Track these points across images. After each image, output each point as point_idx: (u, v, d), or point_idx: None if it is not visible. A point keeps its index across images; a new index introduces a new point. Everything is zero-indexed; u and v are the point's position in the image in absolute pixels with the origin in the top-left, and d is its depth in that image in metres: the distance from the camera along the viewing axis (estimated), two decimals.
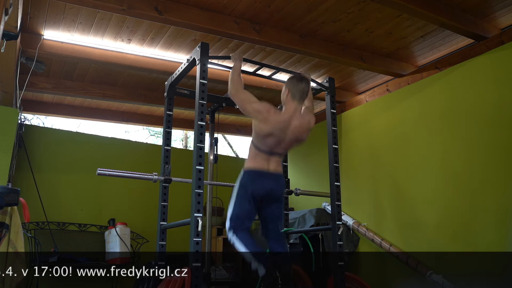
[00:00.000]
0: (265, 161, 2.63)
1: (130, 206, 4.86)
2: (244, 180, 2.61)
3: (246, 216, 2.59)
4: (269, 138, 2.60)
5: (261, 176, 2.61)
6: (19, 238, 2.85)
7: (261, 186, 2.59)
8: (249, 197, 2.57)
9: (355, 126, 4.73)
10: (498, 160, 3.26)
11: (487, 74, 3.43)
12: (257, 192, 2.59)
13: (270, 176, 2.63)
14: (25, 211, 2.82)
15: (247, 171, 2.64)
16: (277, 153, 2.67)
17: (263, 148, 2.63)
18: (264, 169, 2.62)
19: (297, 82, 2.68)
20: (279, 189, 2.70)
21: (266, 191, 2.62)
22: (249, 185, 2.58)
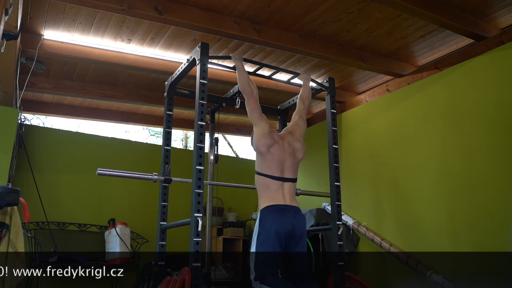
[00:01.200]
0: (279, 192, 2.51)
1: (130, 206, 4.86)
2: (264, 220, 2.43)
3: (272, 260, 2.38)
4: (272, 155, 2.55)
5: (279, 213, 2.45)
6: (19, 238, 2.85)
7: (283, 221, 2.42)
8: (273, 236, 2.38)
9: (355, 126, 4.73)
10: (498, 160, 3.26)
11: (487, 74, 3.43)
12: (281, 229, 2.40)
13: (289, 211, 2.47)
14: (25, 211, 2.82)
15: (263, 210, 2.47)
16: (288, 179, 2.57)
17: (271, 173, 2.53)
18: (280, 203, 2.48)
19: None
20: (300, 226, 2.50)
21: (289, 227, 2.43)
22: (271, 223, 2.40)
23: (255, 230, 2.46)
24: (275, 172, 2.54)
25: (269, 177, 2.53)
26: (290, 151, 2.64)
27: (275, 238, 2.38)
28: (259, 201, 2.55)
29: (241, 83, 2.75)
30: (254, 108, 2.68)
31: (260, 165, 2.59)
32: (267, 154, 2.57)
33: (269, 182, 2.53)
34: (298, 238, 2.49)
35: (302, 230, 2.52)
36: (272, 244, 2.38)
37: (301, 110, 2.93)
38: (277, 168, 2.55)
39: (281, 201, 2.49)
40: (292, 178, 2.61)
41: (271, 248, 2.38)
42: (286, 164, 2.60)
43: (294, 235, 2.47)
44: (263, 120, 2.65)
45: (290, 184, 2.58)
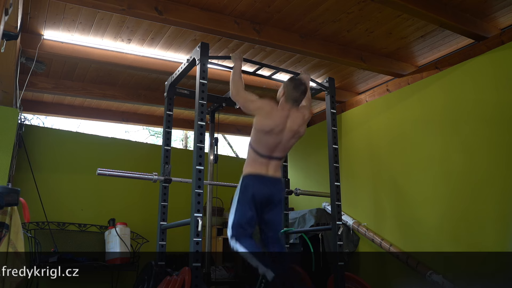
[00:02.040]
0: (264, 166, 2.64)
1: (130, 206, 4.86)
2: (243, 185, 2.61)
3: (247, 222, 2.57)
4: (269, 137, 2.61)
5: (260, 180, 2.61)
6: (19, 238, 2.85)
7: (261, 190, 2.59)
8: (250, 202, 2.57)
9: (355, 126, 4.73)
10: (498, 159, 3.26)
11: (487, 74, 3.43)
12: (258, 196, 2.58)
13: (269, 180, 2.63)
14: (25, 211, 2.82)
15: (246, 176, 2.64)
16: (276, 158, 2.67)
17: (262, 151, 2.63)
18: (262, 173, 2.62)
19: (293, 89, 2.69)
20: (278, 194, 2.69)
21: (266, 195, 2.61)
22: (249, 189, 2.58)
23: (236, 193, 2.63)
24: (265, 151, 2.65)
25: (259, 154, 2.64)
26: (289, 131, 2.67)
27: (252, 203, 2.57)
28: (244, 167, 2.68)
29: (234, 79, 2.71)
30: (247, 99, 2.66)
31: (254, 139, 2.67)
32: (263, 136, 2.63)
33: (257, 157, 2.65)
34: (276, 204, 2.67)
35: (279, 197, 2.70)
36: (249, 208, 2.57)
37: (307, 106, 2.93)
38: (268, 149, 2.65)
39: (263, 172, 2.63)
40: (280, 156, 2.71)
41: (248, 212, 2.57)
42: (279, 146, 2.67)
43: (272, 201, 2.64)
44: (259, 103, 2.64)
45: (276, 161, 2.70)
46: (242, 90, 2.67)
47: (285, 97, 2.70)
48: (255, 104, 2.64)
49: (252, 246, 2.50)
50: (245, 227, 2.56)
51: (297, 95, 2.69)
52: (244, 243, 2.51)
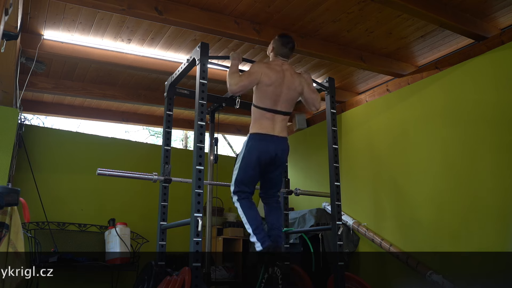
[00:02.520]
0: (270, 122, 2.69)
1: (130, 206, 4.86)
2: (249, 144, 2.67)
3: (249, 181, 2.69)
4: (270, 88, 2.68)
5: (266, 140, 2.67)
6: (19, 238, 2.85)
7: (267, 150, 2.66)
8: (254, 162, 2.65)
9: (355, 126, 4.73)
10: (498, 159, 3.25)
11: (487, 74, 3.43)
12: (263, 158, 2.66)
13: (276, 139, 2.69)
14: (25, 211, 2.82)
15: (252, 134, 2.70)
16: (280, 112, 2.72)
17: (265, 104, 2.68)
18: (269, 132, 2.68)
19: (281, 46, 2.82)
20: (284, 154, 2.77)
21: (271, 156, 2.68)
22: (254, 150, 2.65)
23: (241, 151, 2.72)
24: (269, 103, 2.70)
25: (263, 109, 2.70)
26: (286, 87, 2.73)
27: (256, 162, 2.66)
28: (251, 126, 2.74)
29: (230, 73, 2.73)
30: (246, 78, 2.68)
31: (256, 96, 2.74)
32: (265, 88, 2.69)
33: (262, 112, 2.71)
34: (278, 165, 2.77)
35: (283, 159, 2.80)
36: (252, 168, 2.67)
37: None
38: (272, 100, 2.71)
39: (270, 131, 2.69)
40: (285, 110, 2.75)
41: (251, 171, 2.68)
42: (281, 97, 2.72)
43: (275, 162, 2.73)
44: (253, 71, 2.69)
45: (282, 117, 2.74)
46: (236, 76, 2.71)
47: (274, 53, 2.84)
48: (251, 76, 2.69)
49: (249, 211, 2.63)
50: (247, 185, 2.69)
51: (285, 50, 2.83)
52: (244, 207, 2.64)
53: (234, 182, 2.71)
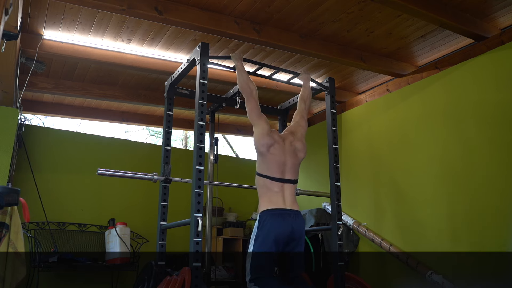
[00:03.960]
0: (279, 194, 2.51)
1: (130, 206, 4.86)
2: (262, 222, 2.43)
3: (268, 264, 2.41)
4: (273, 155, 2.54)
5: (279, 217, 2.44)
6: (19, 238, 2.85)
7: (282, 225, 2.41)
8: (270, 240, 2.39)
9: (355, 126, 4.73)
10: (498, 160, 3.25)
11: (487, 74, 3.43)
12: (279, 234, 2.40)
13: (289, 215, 2.47)
14: (25, 211, 2.82)
15: (263, 213, 2.47)
16: (288, 181, 2.57)
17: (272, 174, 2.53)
18: (280, 206, 2.47)
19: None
20: (299, 230, 2.50)
21: (287, 234, 2.43)
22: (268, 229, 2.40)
23: (254, 232, 2.47)
24: (275, 173, 2.54)
25: (270, 178, 2.53)
26: (291, 151, 2.63)
27: (272, 242, 2.40)
28: (259, 203, 2.55)
29: (241, 83, 2.75)
30: (253, 108, 2.67)
31: (260, 165, 2.59)
32: (267, 155, 2.56)
33: (269, 183, 2.53)
34: (297, 241, 2.50)
35: (300, 233, 2.52)
36: (269, 248, 2.39)
37: (302, 110, 2.93)
38: (278, 169, 2.55)
39: (281, 204, 2.49)
40: (292, 179, 2.60)
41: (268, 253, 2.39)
42: (287, 165, 2.59)
43: (293, 238, 2.48)
44: (263, 120, 2.64)
45: (290, 185, 2.58)
46: (256, 92, 2.70)
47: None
48: (260, 117, 2.64)
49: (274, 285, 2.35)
50: (265, 269, 2.40)
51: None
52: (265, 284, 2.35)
53: (249, 270, 2.38)
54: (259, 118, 2.64)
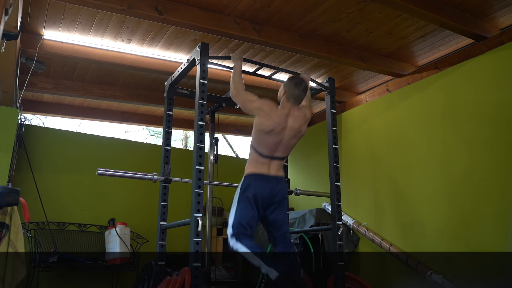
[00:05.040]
0: (265, 165, 2.63)
1: (130, 206, 4.86)
2: (245, 184, 2.59)
3: (248, 222, 2.54)
4: (270, 137, 2.60)
5: (262, 179, 2.59)
6: (19, 238, 2.85)
7: (263, 189, 2.57)
8: (251, 201, 2.55)
9: (355, 126, 4.73)
10: (498, 160, 3.26)
11: (487, 74, 3.43)
12: (260, 196, 2.56)
13: (271, 179, 2.62)
14: (25, 211, 2.82)
15: (247, 175, 2.62)
16: (277, 158, 2.67)
17: (263, 151, 2.63)
18: (265, 172, 2.61)
19: (294, 87, 2.71)
20: (280, 193, 2.66)
21: (268, 194, 2.59)
22: (250, 189, 2.56)
23: (237, 192, 2.61)
24: (266, 151, 2.64)
25: (260, 155, 2.64)
26: (290, 130, 2.66)
27: (254, 202, 2.55)
28: (246, 165, 2.67)
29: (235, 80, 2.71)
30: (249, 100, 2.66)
31: (255, 139, 2.66)
32: (264, 136, 2.62)
33: (259, 157, 2.64)
34: (278, 203, 2.65)
35: (282, 195, 2.67)
36: (251, 208, 2.55)
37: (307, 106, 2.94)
38: (270, 149, 2.64)
39: (266, 171, 2.62)
40: (282, 156, 2.70)
41: (249, 211, 2.54)
42: (281, 145, 2.66)
43: (274, 201, 2.62)
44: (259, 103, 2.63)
45: (278, 161, 2.69)
46: (242, 90, 2.67)
47: (286, 96, 2.71)
48: (254, 104, 2.64)
49: (253, 246, 2.48)
50: (245, 227, 2.53)
51: (298, 93, 2.70)
52: (245, 242, 2.48)
53: (231, 225, 2.55)
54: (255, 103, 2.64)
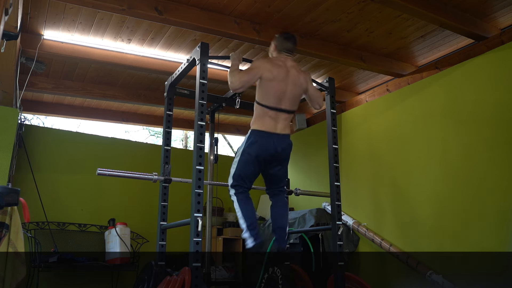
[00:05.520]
0: (272, 120, 2.65)
1: (130, 206, 4.86)
2: (250, 140, 2.63)
3: (248, 176, 2.66)
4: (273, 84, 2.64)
5: (268, 137, 2.63)
6: (19, 238, 2.85)
7: (267, 148, 2.62)
8: (253, 159, 2.62)
9: (355, 126, 4.73)
10: (498, 160, 3.25)
11: (487, 74, 3.43)
12: (263, 155, 2.62)
13: (277, 137, 2.66)
14: (25, 211, 2.82)
15: (254, 131, 2.66)
16: (284, 110, 2.69)
17: (269, 102, 2.65)
18: (271, 130, 2.64)
19: (284, 40, 2.81)
20: (286, 151, 2.72)
21: (272, 153, 2.64)
22: (255, 146, 2.61)
23: (241, 145, 2.69)
24: (272, 101, 2.67)
25: (266, 107, 2.67)
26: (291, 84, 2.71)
27: (255, 159, 2.63)
28: (253, 120, 2.71)
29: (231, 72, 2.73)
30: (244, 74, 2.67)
31: (259, 93, 2.70)
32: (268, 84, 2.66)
33: (265, 110, 2.67)
34: (280, 161, 2.74)
35: (285, 154, 2.74)
36: (252, 164, 2.64)
37: None
38: (276, 97, 2.67)
39: (272, 129, 2.66)
40: (288, 109, 2.72)
41: (250, 167, 2.64)
42: (286, 95, 2.69)
43: (276, 158, 2.70)
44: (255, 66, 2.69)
45: (286, 115, 2.71)
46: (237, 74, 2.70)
47: (278, 50, 2.82)
48: (252, 71, 2.68)
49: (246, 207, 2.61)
50: (245, 180, 2.65)
51: (289, 44, 2.82)
52: (240, 201, 2.62)
53: (232, 176, 2.69)
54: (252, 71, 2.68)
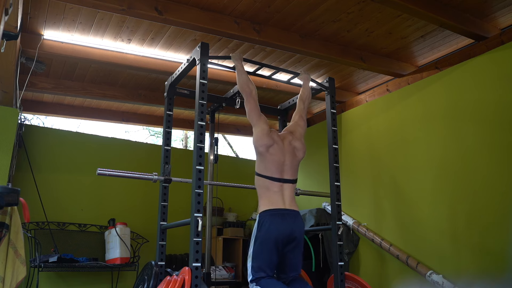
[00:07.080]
0: (278, 195, 2.52)
1: (130, 206, 4.86)
2: (262, 224, 2.44)
3: (268, 265, 2.42)
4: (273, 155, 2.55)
5: (279, 217, 2.45)
6: (19, 238, 2.86)
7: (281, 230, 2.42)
8: (271, 244, 2.41)
9: (355, 126, 4.73)
10: (498, 160, 3.25)
11: (487, 74, 3.43)
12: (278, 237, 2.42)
13: (288, 215, 2.48)
14: (25, 211, 2.82)
15: (262, 213, 2.48)
16: (288, 180, 2.58)
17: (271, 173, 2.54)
18: (279, 207, 2.49)
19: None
20: (299, 231, 2.51)
21: (286, 234, 2.44)
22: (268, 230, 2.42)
23: (253, 233, 2.49)
24: (274, 173, 2.56)
25: (269, 178, 2.55)
26: (290, 151, 2.64)
27: (272, 243, 2.42)
28: (259, 203, 2.56)
29: (240, 83, 2.75)
30: (252, 109, 2.68)
31: (259, 165, 2.60)
32: (266, 155, 2.57)
33: (268, 183, 2.54)
34: (297, 243, 2.51)
35: (300, 233, 2.53)
36: (269, 250, 2.42)
37: (301, 110, 2.94)
38: (277, 169, 2.56)
39: (280, 204, 2.50)
40: (292, 179, 2.61)
41: (268, 253, 2.42)
42: (286, 164, 2.60)
43: (293, 240, 2.48)
44: (262, 120, 2.64)
45: (290, 185, 2.59)
46: (255, 93, 2.69)
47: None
48: (259, 117, 2.65)
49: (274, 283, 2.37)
50: (266, 271, 2.41)
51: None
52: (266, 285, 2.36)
53: (251, 271, 2.41)
54: (259, 119, 2.65)
